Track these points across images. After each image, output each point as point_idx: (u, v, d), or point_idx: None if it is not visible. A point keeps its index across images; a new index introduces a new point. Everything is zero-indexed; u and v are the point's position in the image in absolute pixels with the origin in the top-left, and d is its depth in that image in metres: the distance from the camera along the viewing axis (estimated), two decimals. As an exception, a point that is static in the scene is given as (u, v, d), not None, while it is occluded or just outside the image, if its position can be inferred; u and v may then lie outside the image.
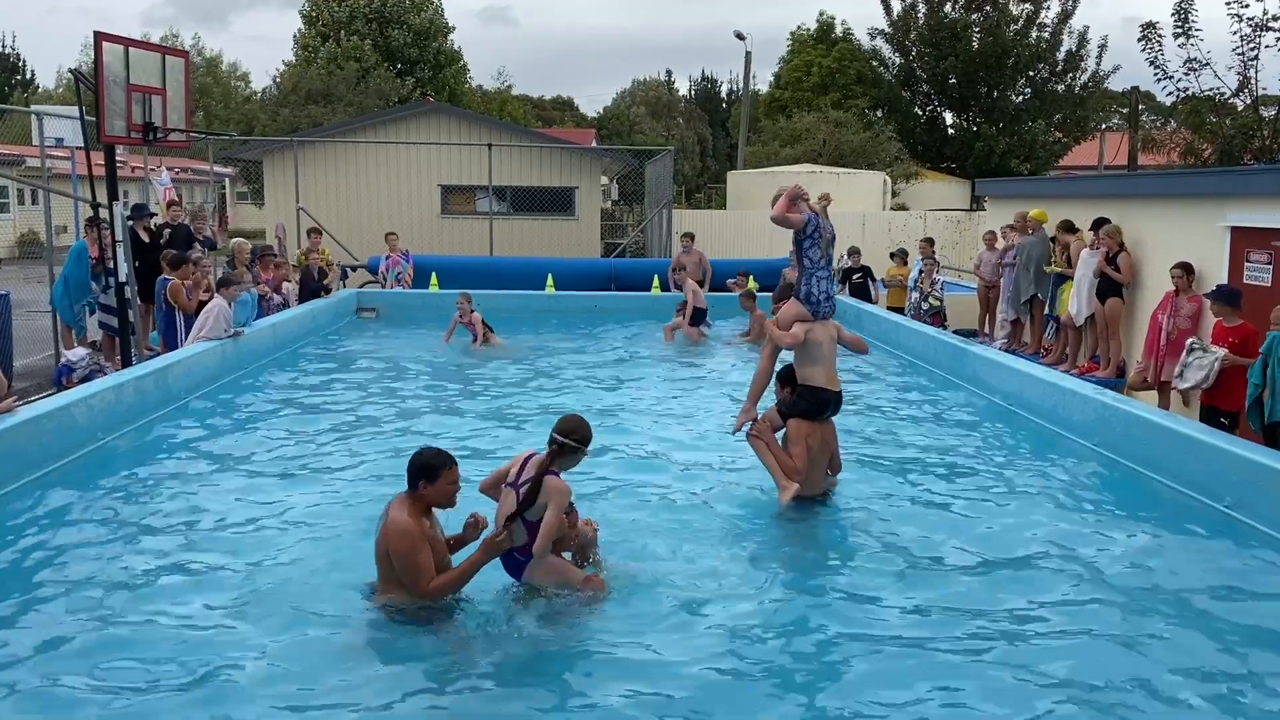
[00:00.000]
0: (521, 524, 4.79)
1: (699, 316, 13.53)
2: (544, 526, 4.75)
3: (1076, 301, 11.55)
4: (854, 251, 16.06)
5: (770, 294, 13.91)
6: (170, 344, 10.75)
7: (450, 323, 12.71)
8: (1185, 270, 9.75)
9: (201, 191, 33.21)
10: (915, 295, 14.96)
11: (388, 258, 16.53)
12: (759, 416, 6.67)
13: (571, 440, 4.94)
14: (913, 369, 11.59)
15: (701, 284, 14.85)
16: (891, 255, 16.12)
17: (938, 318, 14.49)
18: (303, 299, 14.25)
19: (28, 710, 3.94)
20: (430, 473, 4.66)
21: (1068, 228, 12.08)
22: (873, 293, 15.92)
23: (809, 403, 6.49)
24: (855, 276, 15.95)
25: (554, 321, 14.78)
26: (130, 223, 10.62)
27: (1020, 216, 13.20)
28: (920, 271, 14.90)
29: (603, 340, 13.53)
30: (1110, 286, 11.14)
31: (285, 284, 14.00)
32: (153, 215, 12.98)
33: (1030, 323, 13.43)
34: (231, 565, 5.36)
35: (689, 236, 16.72)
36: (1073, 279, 11.79)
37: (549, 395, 9.92)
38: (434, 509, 4.76)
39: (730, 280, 16.55)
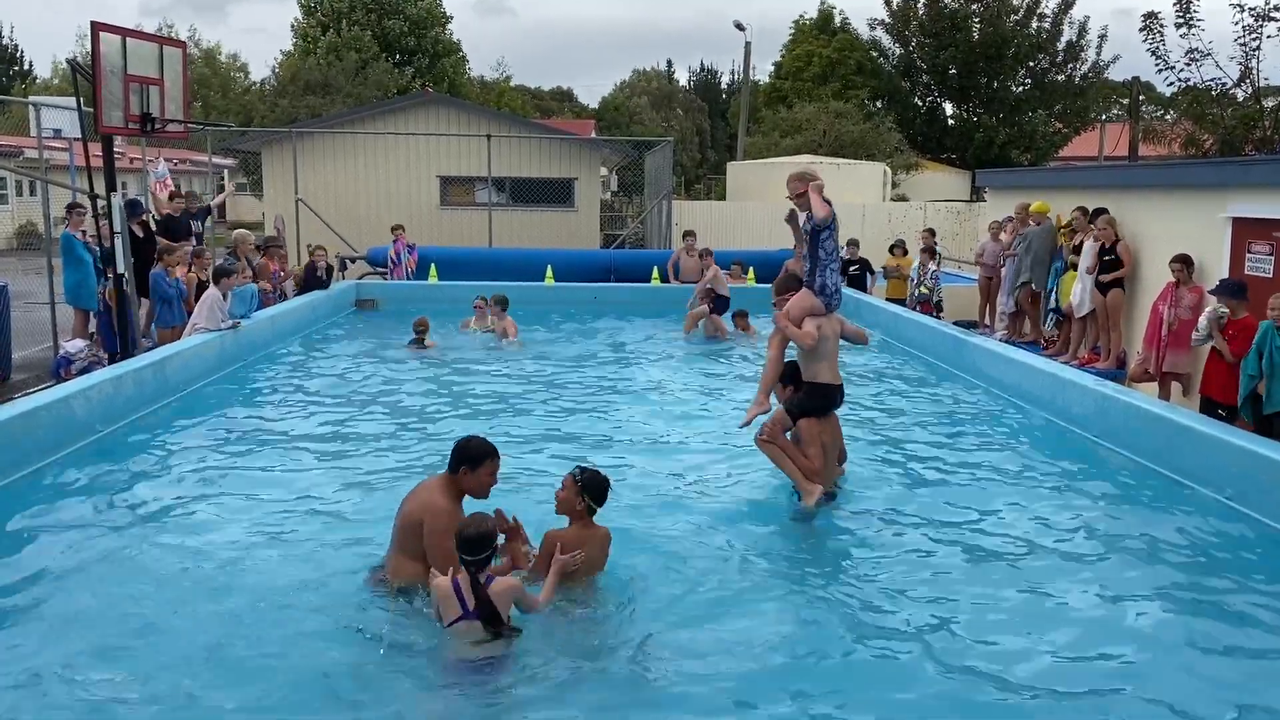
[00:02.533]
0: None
1: (722, 305, 13.37)
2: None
3: (1080, 293, 11.52)
4: (852, 243, 16.06)
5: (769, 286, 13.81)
6: (107, 344, 10.76)
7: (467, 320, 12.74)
8: (1184, 263, 9.72)
9: (200, 182, 33.14)
10: (911, 282, 15.16)
11: (394, 243, 16.67)
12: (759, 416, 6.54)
13: (473, 557, 4.28)
14: (913, 360, 11.56)
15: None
16: (891, 248, 16.13)
17: (927, 305, 14.55)
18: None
19: (20, 701, 3.92)
20: (473, 460, 4.67)
21: (1085, 213, 11.95)
22: (868, 285, 15.96)
23: (816, 400, 6.36)
24: (852, 269, 16.00)
25: (553, 313, 14.73)
26: (144, 215, 10.59)
27: (1021, 208, 13.17)
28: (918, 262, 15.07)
29: (605, 333, 13.49)
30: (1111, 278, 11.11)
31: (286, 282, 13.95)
32: (147, 213, 12.91)
33: (1033, 313, 13.41)
34: (230, 558, 5.34)
35: (691, 234, 16.65)
36: (1077, 269, 11.78)
37: (553, 391, 9.90)
38: (465, 497, 4.74)
39: (724, 272, 16.50)
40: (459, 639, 4.23)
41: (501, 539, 4.72)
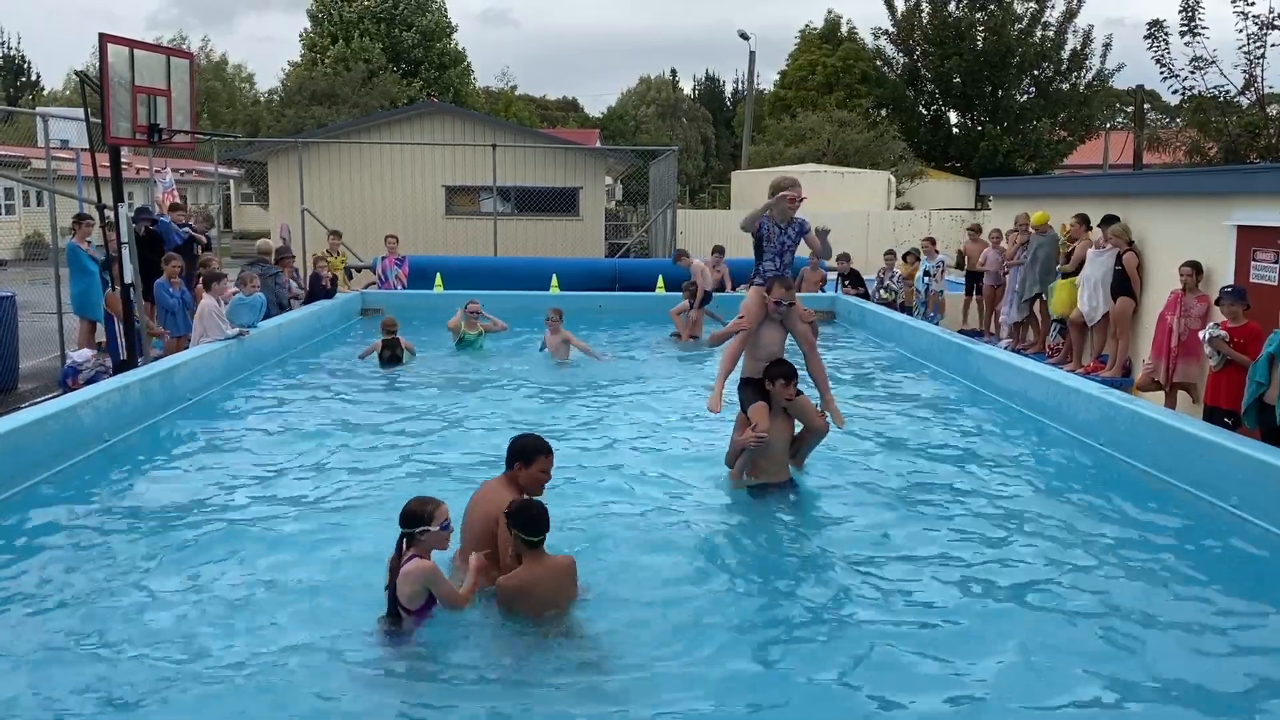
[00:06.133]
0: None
1: (706, 299, 13.50)
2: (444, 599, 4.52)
3: (1088, 300, 11.51)
4: (843, 258, 16.04)
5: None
6: (112, 354, 10.91)
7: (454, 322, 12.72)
8: (1194, 269, 9.72)
9: (206, 193, 33.24)
10: (873, 283, 15.78)
11: (384, 259, 16.59)
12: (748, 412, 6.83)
13: (410, 530, 4.47)
14: (916, 368, 11.55)
15: (721, 289, 14.77)
16: (886, 255, 16.17)
17: (893, 308, 14.77)
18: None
19: (23, 713, 3.93)
20: (526, 457, 4.89)
21: (1083, 221, 11.98)
22: (872, 293, 16.04)
23: None
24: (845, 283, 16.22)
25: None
26: (135, 223, 10.66)
27: (1021, 218, 13.19)
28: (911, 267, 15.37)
29: (609, 340, 13.49)
30: (1123, 285, 11.12)
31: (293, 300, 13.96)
32: (156, 219, 12.98)
33: (1034, 322, 13.41)
34: (238, 568, 5.35)
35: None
36: (1072, 276, 11.78)
37: (551, 403, 9.92)
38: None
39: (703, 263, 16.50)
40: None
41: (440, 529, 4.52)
